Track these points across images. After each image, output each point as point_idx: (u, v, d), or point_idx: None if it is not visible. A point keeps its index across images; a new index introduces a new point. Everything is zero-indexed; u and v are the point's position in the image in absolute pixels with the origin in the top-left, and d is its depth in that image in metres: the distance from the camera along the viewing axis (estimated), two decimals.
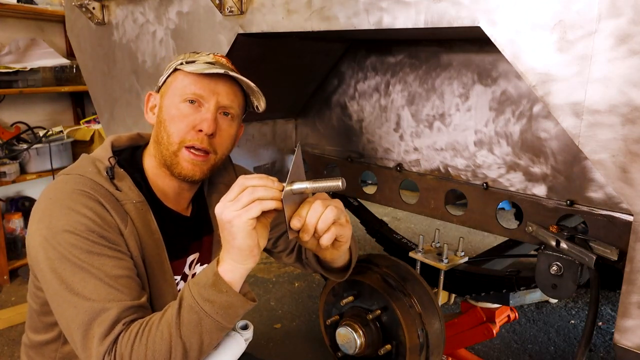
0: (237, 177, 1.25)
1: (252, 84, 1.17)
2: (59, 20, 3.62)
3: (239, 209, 0.91)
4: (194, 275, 1.30)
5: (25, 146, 3.26)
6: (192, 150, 1.14)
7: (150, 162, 1.21)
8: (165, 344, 0.94)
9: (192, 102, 1.14)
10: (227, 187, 1.19)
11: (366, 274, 1.47)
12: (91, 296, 0.98)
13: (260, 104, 1.23)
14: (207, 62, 1.16)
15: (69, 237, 1.00)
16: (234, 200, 0.93)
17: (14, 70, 3.21)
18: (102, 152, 1.17)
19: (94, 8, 1.85)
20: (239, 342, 1.32)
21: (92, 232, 1.02)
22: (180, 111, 1.15)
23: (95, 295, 0.98)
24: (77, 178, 1.09)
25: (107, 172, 1.12)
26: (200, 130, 1.14)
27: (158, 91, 1.22)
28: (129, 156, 1.21)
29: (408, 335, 1.37)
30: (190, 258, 1.28)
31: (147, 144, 1.25)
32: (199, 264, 1.32)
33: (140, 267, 1.10)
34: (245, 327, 1.36)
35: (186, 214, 1.27)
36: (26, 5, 3.40)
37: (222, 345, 1.31)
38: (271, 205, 0.92)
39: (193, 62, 1.16)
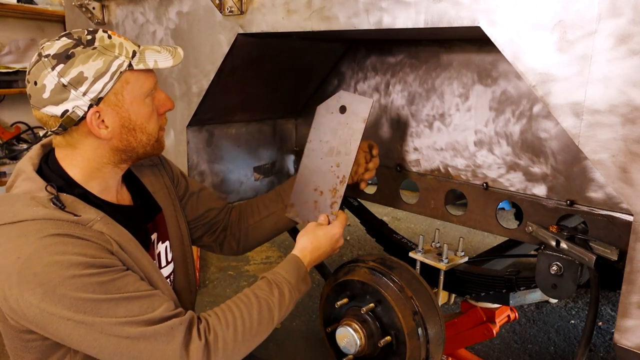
0: (159, 158, 1.39)
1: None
2: (59, 20, 3.62)
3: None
4: (159, 254, 1.30)
5: (25, 146, 3.27)
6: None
7: (82, 166, 1.12)
8: (264, 313, 1.15)
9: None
10: (151, 169, 1.37)
11: (354, 271, 1.49)
12: (135, 314, 0.98)
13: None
14: (152, 50, 1.13)
15: (74, 284, 0.94)
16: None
17: (14, 70, 3.21)
18: (33, 185, 1.05)
19: (94, 8, 1.85)
20: None
21: (92, 266, 0.97)
22: (149, 106, 1.15)
23: (137, 311, 0.99)
24: (31, 225, 0.98)
25: (54, 204, 1.02)
26: (166, 111, 1.21)
27: (98, 103, 1.06)
28: (54, 174, 1.10)
29: (404, 320, 1.37)
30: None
31: (51, 150, 1.15)
32: (160, 242, 1.31)
33: (139, 274, 1.09)
34: None
35: (130, 203, 1.24)
36: (26, 5, 3.41)
37: None
38: None
39: (134, 55, 1.09)
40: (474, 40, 1.44)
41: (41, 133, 1.10)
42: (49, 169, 1.11)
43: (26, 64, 3.31)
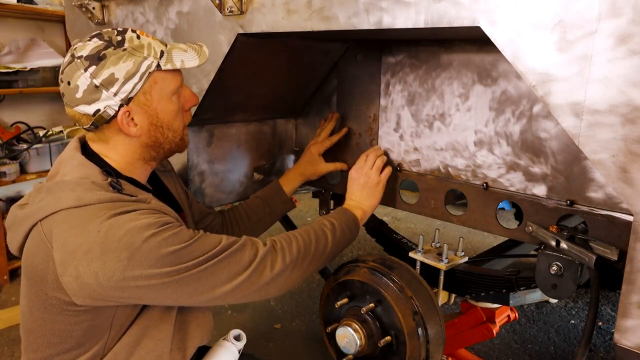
0: (170, 165, 1.50)
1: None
2: (59, 20, 3.62)
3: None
4: None
5: (25, 146, 3.26)
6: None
7: (117, 159, 1.18)
8: (320, 236, 1.31)
9: None
10: (164, 174, 1.43)
11: (354, 271, 1.49)
12: (208, 250, 1.09)
13: None
14: (178, 49, 1.18)
15: (154, 242, 1.01)
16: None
17: (14, 70, 3.21)
18: (88, 170, 1.11)
19: (94, 8, 1.85)
20: (232, 352, 1.36)
21: (163, 224, 1.05)
22: (175, 104, 1.20)
23: (209, 247, 1.09)
24: (99, 207, 1.04)
25: (113, 187, 1.09)
26: (191, 106, 1.27)
27: (128, 103, 1.12)
28: (99, 162, 1.16)
29: (404, 320, 1.37)
30: None
31: (85, 142, 1.22)
32: None
33: None
34: (238, 338, 1.39)
35: None
36: (26, 5, 3.40)
37: (216, 355, 1.34)
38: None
39: (162, 55, 1.14)
40: (474, 40, 1.44)
41: (85, 124, 1.15)
42: (93, 158, 1.16)
43: (26, 63, 3.31)
